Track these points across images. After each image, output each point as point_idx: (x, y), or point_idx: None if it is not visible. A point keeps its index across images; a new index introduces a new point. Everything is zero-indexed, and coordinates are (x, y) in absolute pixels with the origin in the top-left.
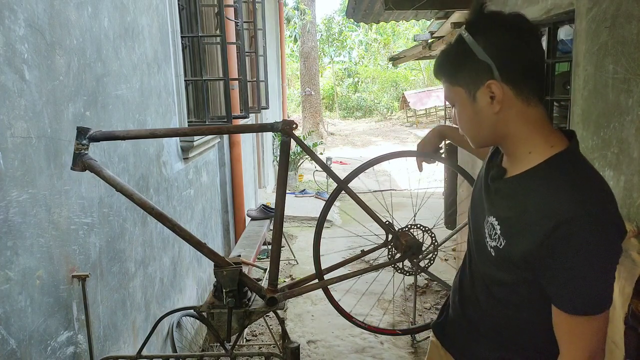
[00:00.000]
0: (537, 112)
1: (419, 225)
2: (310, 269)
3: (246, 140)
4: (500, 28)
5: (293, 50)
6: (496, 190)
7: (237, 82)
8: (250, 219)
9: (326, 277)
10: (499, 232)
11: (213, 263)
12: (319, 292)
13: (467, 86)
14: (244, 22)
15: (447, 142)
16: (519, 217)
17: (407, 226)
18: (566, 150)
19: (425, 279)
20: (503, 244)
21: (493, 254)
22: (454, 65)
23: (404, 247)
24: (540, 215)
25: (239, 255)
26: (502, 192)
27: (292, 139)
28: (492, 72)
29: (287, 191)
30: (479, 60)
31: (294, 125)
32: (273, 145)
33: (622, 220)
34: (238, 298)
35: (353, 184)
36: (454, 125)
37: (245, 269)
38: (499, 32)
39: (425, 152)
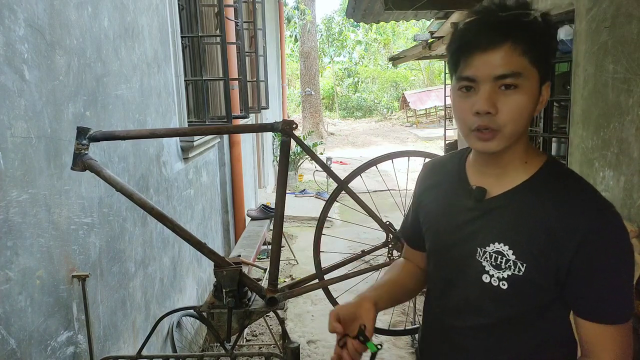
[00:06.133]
0: None
1: None
2: (310, 269)
3: (246, 140)
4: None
5: (293, 50)
6: (489, 211)
7: (237, 82)
8: (250, 219)
9: (326, 277)
10: (512, 257)
11: (213, 263)
12: (319, 292)
13: (541, 76)
14: (244, 22)
15: (447, 142)
16: (540, 234)
17: None
18: (551, 157)
19: None
20: (524, 269)
21: (505, 286)
22: (544, 48)
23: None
24: (566, 229)
25: (239, 255)
26: (502, 211)
27: (292, 139)
28: (549, 74)
29: (287, 191)
30: (552, 59)
31: (294, 125)
32: (273, 145)
33: None
34: (238, 298)
35: (353, 184)
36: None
37: (245, 269)
38: (555, 41)
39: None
